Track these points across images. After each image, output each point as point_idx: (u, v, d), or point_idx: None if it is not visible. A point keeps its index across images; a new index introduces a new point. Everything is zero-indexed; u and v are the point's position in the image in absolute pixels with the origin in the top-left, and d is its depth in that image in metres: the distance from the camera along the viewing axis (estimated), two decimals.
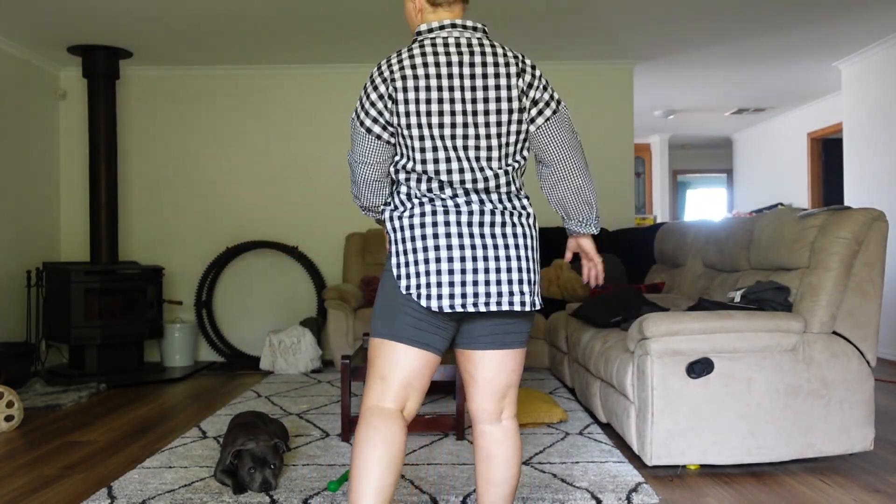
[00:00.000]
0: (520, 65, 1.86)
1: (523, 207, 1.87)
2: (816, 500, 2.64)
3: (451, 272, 1.77)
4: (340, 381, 3.61)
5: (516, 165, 1.86)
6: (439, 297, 1.78)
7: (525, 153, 1.90)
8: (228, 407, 4.27)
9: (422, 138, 1.80)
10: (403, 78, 1.80)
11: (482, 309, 1.79)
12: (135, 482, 2.85)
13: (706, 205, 11.99)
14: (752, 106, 8.33)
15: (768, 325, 2.91)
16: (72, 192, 6.18)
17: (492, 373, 1.90)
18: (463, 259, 1.78)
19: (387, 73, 1.82)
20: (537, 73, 1.89)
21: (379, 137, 1.84)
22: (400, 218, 1.83)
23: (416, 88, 1.79)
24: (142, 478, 2.91)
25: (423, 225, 1.80)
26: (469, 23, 1.88)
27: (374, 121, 1.83)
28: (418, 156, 1.81)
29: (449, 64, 1.81)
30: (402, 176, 1.86)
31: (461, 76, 1.81)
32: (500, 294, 1.79)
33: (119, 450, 3.42)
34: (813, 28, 5.34)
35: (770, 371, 2.91)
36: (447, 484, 2.78)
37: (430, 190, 1.81)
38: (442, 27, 1.87)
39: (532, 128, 1.87)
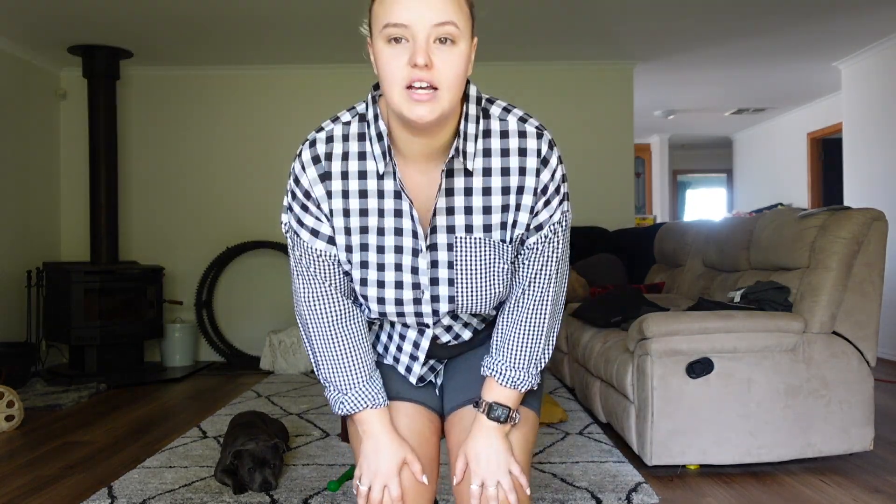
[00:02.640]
0: None
1: None
2: (816, 500, 2.64)
3: None
4: None
5: None
6: None
7: None
8: (228, 407, 4.27)
9: None
10: None
11: None
12: (135, 482, 2.85)
13: (706, 205, 11.99)
14: (752, 106, 8.33)
15: (768, 325, 2.91)
16: (72, 192, 6.18)
17: None
18: None
19: None
20: None
21: None
22: None
23: None
24: (142, 478, 2.91)
25: None
26: None
27: None
28: None
29: None
30: None
31: None
32: None
33: (119, 450, 3.42)
34: (813, 28, 5.34)
35: (770, 371, 2.91)
36: (446, 484, 2.78)
37: None
38: None
39: None
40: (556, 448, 3.26)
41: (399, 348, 1.43)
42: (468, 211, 1.25)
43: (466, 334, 1.42)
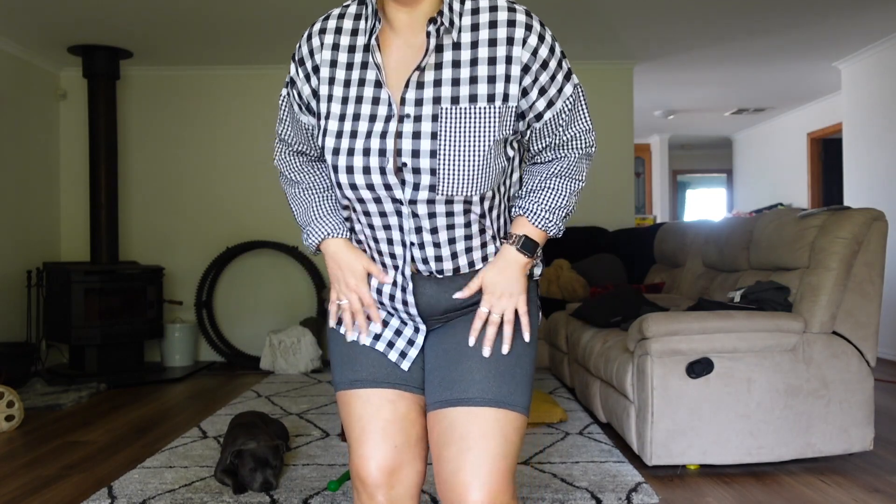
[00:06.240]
0: None
1: None
2: (816, 500, 2.64)
3: None
4: None
5: None
6: None
7: None
8: (228, 407, 4.27)
9: None
10: None
11: None
12: (135, 482, 2.86)
13: (706, 205, 11.99)
14: (752, 106, 8.33)
15: (768, 325, 2.91)
16: (72, 192, 6.18)
17: None
18: None
19: None
20: None
21: None
22: None
23: None
24: (142, 478, 2.91)
25: None
26: None
27: None
28: None
29: None
30: None
31: None
32: None
33: (119, 450, 3.42)
34: (813, 28, 5.34)
35: (770, 371, 2.91)
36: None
37: None
38: None
39: None
40: (556, 448, 3.26)
41: (392, 297, 1.40)
42: (455, 83, 1.28)
43: (448, 262, 1.35)
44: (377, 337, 1.44)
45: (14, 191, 5.51)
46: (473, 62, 1.28)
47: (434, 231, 1.32)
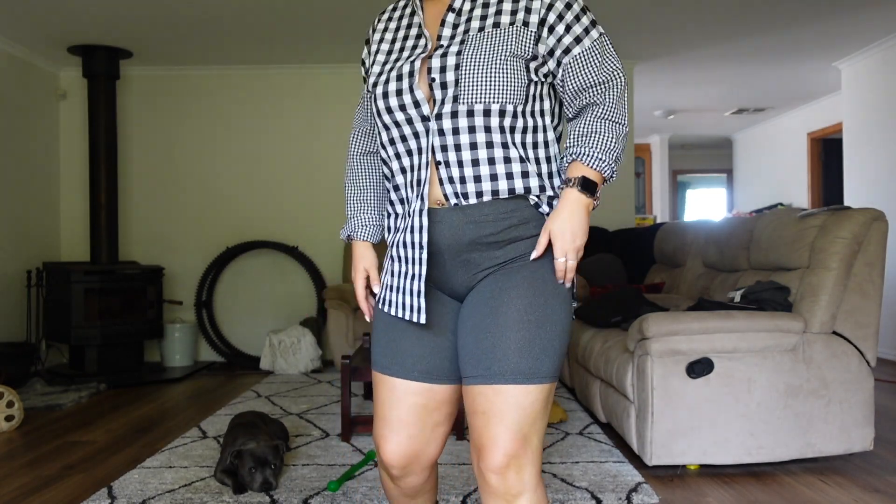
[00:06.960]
0: None
1: None
2: (816, 500, 2.65)
3: None
4: (340, 381, 3.61)
5: None
6: None
7: None
8: (228, 407, 4.27)
9: None
10: None
11: None
12: (135, 482, 2.86)
13: (706, 205, 11.99)
14: (752, 106, 8.33)
15: (768, 325, 2.91)
16: (72, 192, 6.18)
17: None
18: None
19: None
20: None
21: None
22: None
23: None
24: (142, 478, 2.91)
25: None
26: None
27: None
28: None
29: None
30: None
31: None
32: None
33: (119, 450, 3.42)
34: (813, 28, 5.34)
35: (770, 371, 2.91)
36: (447, 484, 2.78)
37: None
38: None
39: None
40: (556, 448, 3.26)
41: (409, 226, 1.47)
42: (483, 18, 1.46)
43: (471, 184, 1.42)
44: (392, 304, 1.54)
45: (14, 191, 5.51)
46: (500, 1, 1.46)
47: (458, 148, 1.42)
